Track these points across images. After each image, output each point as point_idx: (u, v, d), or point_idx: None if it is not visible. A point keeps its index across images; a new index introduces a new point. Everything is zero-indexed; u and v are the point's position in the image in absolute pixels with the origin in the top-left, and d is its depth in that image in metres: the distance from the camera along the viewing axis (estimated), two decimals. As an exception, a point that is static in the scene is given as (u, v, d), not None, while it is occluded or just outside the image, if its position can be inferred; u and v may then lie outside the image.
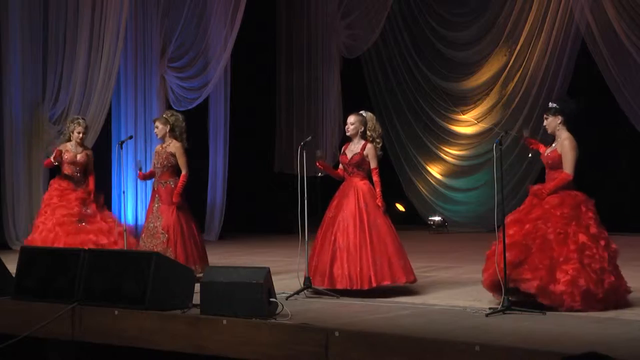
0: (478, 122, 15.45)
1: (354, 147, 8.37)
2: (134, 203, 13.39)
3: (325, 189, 16.17)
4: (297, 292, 7.87)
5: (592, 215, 7.34)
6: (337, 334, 6.05)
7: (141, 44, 13.41)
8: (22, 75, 12.42)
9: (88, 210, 9.82)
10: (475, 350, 5.55)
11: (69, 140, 9.98)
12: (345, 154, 8.39)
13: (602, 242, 7.28)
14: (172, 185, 9.18)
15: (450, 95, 15.78)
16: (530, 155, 8.22)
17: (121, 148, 10.00)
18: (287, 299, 7.55)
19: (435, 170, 16.13)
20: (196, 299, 7.09)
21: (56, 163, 9.90)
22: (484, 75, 15.39)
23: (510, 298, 7.04)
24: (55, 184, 9.99)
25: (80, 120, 10.09)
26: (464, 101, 15.70)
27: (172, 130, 9.34)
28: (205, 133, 14.18)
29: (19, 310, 7.54)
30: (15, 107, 12.40)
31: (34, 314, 7.35)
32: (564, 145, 7.43)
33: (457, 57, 15.65)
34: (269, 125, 15.54)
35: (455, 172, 15.93)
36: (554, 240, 7.14)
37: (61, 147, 9.97)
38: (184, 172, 9.19)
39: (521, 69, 14.80)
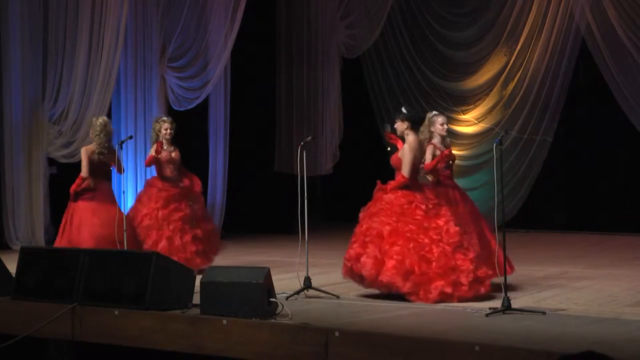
0: (478, 122, 15.45)
1: (443, 147, 8.59)
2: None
3: (326, 189, 16.24)
4: (297, 292, 7.87)
5: (421, 212, 7.75)
6: (337, 334, 6.05)
7: (141, 44, 13.40)
8: (22, 75, 12.40)
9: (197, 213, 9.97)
10: (475, 350, 5.55)
11: (157, 140, 9.99)
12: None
13: (432, 233, 7.65)
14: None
15: (451, 95, 15.78)
16: (389, 149, 8.67)
17: (121, 148, 10.00)
18: (287, 299, 7.55)
19: (435, 170, 16.12)
20: (196, 299, 7.09)
21: (156, 155, 9.95)
22: (484, 75, 15.39)
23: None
24: (158, 184, 10.01)
25: (165, 118, 10.21)
26: (464, 101, 15.69)
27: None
28: (205, 133, 14.18)
29: (19, 310, 7.54)
30: (15, 107, 12.39)
31: (34, 314, 7.35)
32: (404, 149, 7.91)
33: (457, 57, 15.65)
34: (269, 125, 15.53)
35: (455, 172, 15.83)
36: (386, 233, 7.65)
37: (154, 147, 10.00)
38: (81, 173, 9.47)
39: (521, 69, 14.80)
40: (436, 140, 8.63)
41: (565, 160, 14.91)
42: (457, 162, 15.70)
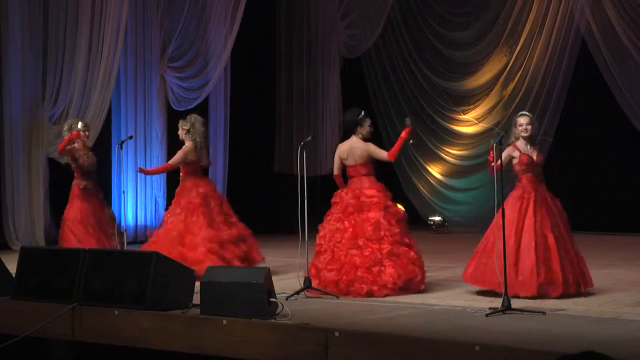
0: (478, 122, 15.45)
1: (527, 149, 8.12)
2: (134, 203, 13.39)
3: (326, 189, 16.21)
4: (297, 292, 7.87)
5: (336, 214, 8.50)
6: (337, 334, 6.05)
7: (141, 44, 13.41)
8: (22, 75, 12.41)
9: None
10: (475, 350, 5.55)
11: None
12: (530, 156, 8.11)
13: (338, 234, 8.34)
14: None
15: (451, 95, 15.77)
16: (411, 141, 8.81)
17: (121, 148, 10.02)
18: (287, 299, 7.55)
19: (435, 170, 16.12)
20: (196, 299, 7.09)
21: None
22: (484, 75, 15.38)
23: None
24: None
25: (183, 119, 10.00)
26: (465, 101, 15.69)
27: None
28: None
29: (19, 310, 7.55)
30: (15, 107, 12.39)
31: (34, 314, 7.35)
32: None
33: (457, 57, 15.65)
34: (269, 125, 15.53)
35: (455, 172, 15.92)
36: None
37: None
38: None
39: (521, 69, 14.80)
40: (520, 142, 8.17)
41: (565, 160, 14.90)
42: (457, 162, 15.83)
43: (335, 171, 8.72)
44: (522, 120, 8.22)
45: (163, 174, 13.42)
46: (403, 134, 8.50)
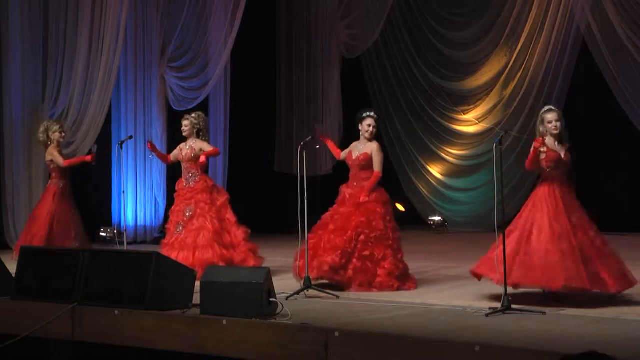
0: (479, 122, 15.45)
1: (555, 146, 7.72)
2: (134, 203, 13.38)
3: (325, 189, 16.22)
4: (297, 292, 7.87)
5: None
6: (337, 334, 6.05)
7: (141, 44, 13.41)
8: (22, 75, 12.41)
9: (188, 213, 9.39)
10: (475, 350, 5.55)
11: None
12: (559, 153, 7.70)
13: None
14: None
15: (451, 95, 15.79)
16: (317, 147, 9.10)
17: (121, 148, 10.02)
18: (287, 299, 7.55)
19: (435, 170, 16.13)
20: (196, 299, 7.09)
21: (151, 156, 10.92)
22: (484, 75, 15.40)
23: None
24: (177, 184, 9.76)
25: (187, 115, 9.75)
26: (465, 101, 15.70)
27: None
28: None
29: (19, 310, 7.54)
30: (15, 107, 12.40)
31: (34, 314, 7.35)
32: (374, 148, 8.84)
33: (458, 57, 15.66)
34: (269, 125, 15.53)
35: (455, 172, 15.93)
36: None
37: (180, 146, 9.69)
38: None
39: (522, 69, 14.81)
40: (548, 138, 7.74)
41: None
42: (458, 162, 15.83)
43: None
44: (551, 116, 7.75)
45: (164, 174, 13.44)
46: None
